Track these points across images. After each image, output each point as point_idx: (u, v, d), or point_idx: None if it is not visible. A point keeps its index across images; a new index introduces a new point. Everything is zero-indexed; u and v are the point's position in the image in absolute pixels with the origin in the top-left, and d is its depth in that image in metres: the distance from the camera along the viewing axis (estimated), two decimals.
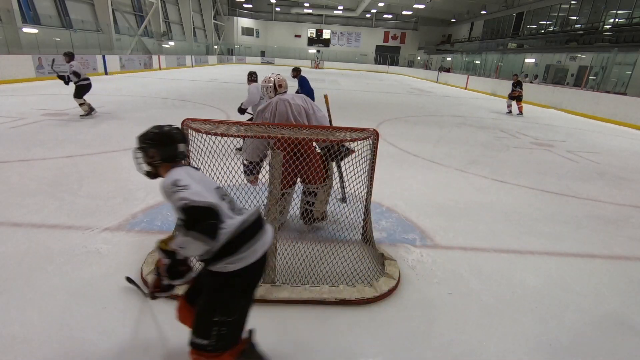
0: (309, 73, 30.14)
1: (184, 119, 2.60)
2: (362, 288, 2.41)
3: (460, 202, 4.18)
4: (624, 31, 18.14)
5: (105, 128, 6.67)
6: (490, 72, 24.35)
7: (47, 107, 8.18)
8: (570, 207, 4.30)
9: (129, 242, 2.89)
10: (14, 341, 1.90)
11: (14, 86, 11.33)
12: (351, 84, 21.09)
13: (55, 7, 16.98)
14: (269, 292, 2.31)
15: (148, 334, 2.00)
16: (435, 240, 3.26)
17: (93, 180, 4.12)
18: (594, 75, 16.29)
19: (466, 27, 37.68)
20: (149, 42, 23.95)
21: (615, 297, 2.61)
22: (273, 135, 2.29)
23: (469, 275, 2.74)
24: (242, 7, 41.97)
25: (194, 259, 1.54)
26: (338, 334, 2.09)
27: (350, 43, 44.35)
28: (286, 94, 3.03)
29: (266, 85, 3.04)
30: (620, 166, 6.35)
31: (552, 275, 2.83)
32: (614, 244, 3.43)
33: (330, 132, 2.66)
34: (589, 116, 12.89)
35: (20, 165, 4.50)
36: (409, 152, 6.22)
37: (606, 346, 2.14)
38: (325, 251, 2.76)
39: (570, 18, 22.82)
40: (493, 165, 5.81)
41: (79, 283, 2.37)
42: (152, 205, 3.56)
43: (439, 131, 8.38)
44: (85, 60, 15.54)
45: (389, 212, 3.78)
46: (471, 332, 2.17)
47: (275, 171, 2.26)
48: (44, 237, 2.89)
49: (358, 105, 12.41)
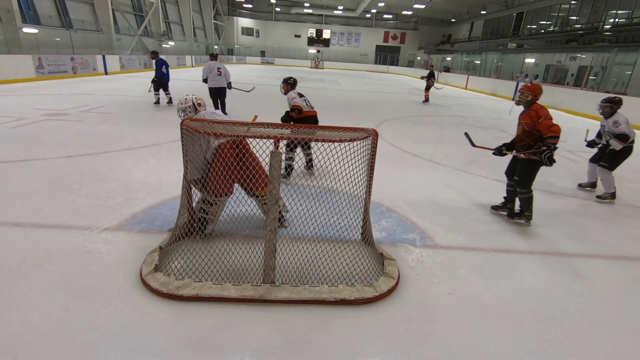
0: (309, 73, 30.17)
1: (184, 119, 2.61)
2: (361, 288, 2.41)
3: (460, 202, 4.18)
4: (624, 31, 18.14)
5: (105, 128, 6.67)
6: (490, 72, 24.35)
7: (47, 107, 8.18)
8: (570, 207, 4.30)
9: (129, 242, 2.89)
10: (14, 341, 1.90)
11: (14, 86, 11.33)
12: (351, 84, 21.08)
13: (55, 7, 16.98)
14: (269, 292, 2.31)
15: (148, 334, 2.00)
16: (435, 240, 3.26)
17: (93, 180, 4.12)
18: (594, 75, 16.29)
19: (466, 27, 37.68)
20: (149, 42, 23.95)
21: (615, 297, 2.61)
22: (272, 135, 2.29)
23: (469, 275, 2.74)
24: (242, 7, 41.97)
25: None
26: (338, 334, 2.09)
27: (350, 43, 44.35)
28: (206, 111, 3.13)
29: (184, 106, 3.09)
30: (620, 166, 6.33)
31: (552, 275, 2.84)
32: (614, 244, 3.43)
33: (330, 132, 2.66)
34: (589, 116, 12.89)
35: (20, 165, 4.50)
36: (409, 152, 6.22)
37: (606, 346, 2.14)
38: (324, 251, 2.76)
39: (570, 18, 22.83)
40: (493, 165, 5.81)
41: (79, 283, 2.37)
42: (152, 205, 3.56)
43: (439, 131, 8.37)
44: (85, 60, 15.56)
45: (389, 212, 3.78)
46: (471, 332, 2.17)
47: (274, 171, 2.26)
48: (44, 237, 2.89)
49: (358, 105, 12.41)
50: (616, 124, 4.25)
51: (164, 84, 9.47)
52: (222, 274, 2.48)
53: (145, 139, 5.99)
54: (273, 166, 2.25)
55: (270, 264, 2.36)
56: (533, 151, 3.37)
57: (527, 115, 3.44)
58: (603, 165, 4.39)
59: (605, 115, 4.42)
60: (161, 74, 9.29)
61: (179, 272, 2.47)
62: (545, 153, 3.23)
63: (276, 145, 2.30)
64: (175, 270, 2.49)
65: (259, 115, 5.29)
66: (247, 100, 10.62)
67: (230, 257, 2.61)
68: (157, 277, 2.36)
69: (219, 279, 2.42)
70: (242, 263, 2.62)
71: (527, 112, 3.46)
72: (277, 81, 19.55)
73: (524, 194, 3.56)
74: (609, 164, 4.36)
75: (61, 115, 7.44)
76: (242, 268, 2.58)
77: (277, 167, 2.26)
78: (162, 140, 6.00)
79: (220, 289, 2.30)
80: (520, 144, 3.54)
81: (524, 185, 3.52)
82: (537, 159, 3.35)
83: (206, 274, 2.44)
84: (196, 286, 2.31)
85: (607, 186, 4.41)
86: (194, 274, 2.45)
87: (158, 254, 2.58)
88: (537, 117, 3.34)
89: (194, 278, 2.40)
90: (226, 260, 2.58)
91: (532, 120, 3.38)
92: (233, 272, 2.54)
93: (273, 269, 2.38)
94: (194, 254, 2.59)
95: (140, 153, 5.27)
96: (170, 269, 2.51)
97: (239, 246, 2.71)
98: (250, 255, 2.67)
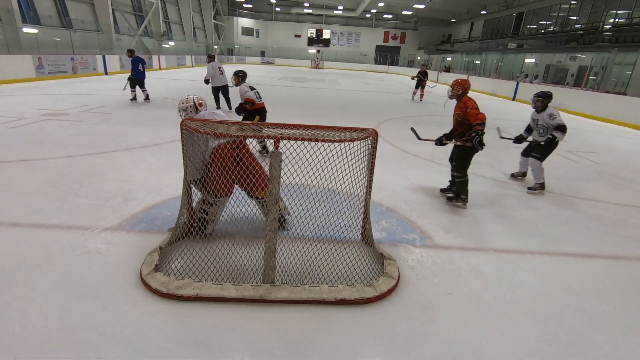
0: (309, 73, 30.17)
1: (184, 119, 2.61)
2: (361, 288, 2.41)
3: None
4: (624, 31, 18.14)
5: (105, 128, 6.67)
6: (490, 72, 24.35)
7: (47, 107, 8.18)
8: (570, 207, 4.30)
9: (129, 242, 2.88)
10: (14, 341, 1.90)
11: (14, 86, 11.33)
12: (351, 84, 21.08)
13: (55, 7, 16.98)
14: (269, 292, 2.31)
15: (148, 334, 2.00)
16: (435, 240, 3.26)
17: (93, 180, 4.12)
18: (594, 75, 16.30)
19: (466, 27, 37.67)
20: (149, 42, 23.95)
21: (615, 297, 2.61)
22: (272, 135, 2.29)
23: (469, 275, 2.74)
24: (242, 7, 41.96)
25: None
26: (338, 334, 2.09)
27: (350, 43, 44.35)
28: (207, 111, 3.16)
29: (185, 105, 3.11)
30: (620, 166, 6.35)
31: (552, 275, 2.84)
32: (614, 244, 3.43)
33: (330, 132, 2.66)
34: (589, 116, 12.89)
35: (20, 165, 4.50)
36: (409, 152, 6.22)
37: (606, 346, 2.14)
38: (324, 251, 2.76)
39: (570, 18, 22.82)
40: (493, 165, 5.81)
41: (79, 283, 2.37)
42: (152, 205, 3.56)
43: (439, 131, 8.32)
44: (85, 60, 15.56)
45: (389, 212, 3.78)
46: (471, 332, 2.17)
47: (275, 172, 2.26)
48: (44, 237, 2.89)
49: (358, 105, 12.41)
50: (552, 117, 4.45)
51: (140, 81, 9.78)
52: (222, 274, 2.48)
53: (145, 139, 5.99)
54: (273, 166, 2.25)
55: (270, 264, 2.36)
56: (465, 138, 3.77)
57: (458, 107, 3.87)
58: (535, 156, 4.61)
59: (538, 110, 4.61)
60: (137, 71, 9.61)
61: (179, 272, 2.47)
62: (474, 138, 3.63)
63: (276, 145, 2.30)
64: (175, 270, 2.49)
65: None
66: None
67: (230, 257, 2.61)
68: (157, 277, 2.36)
69: (219, 279, 2.42)
70: (242, 263, 2.62)
71: (458, 104, 3.89)
72: (277, 81, 19.57)
73: (460, 177, 3.93)
74: (541, 155, 4.58)
75: (61, 115, 7.44)
76: (242, 268, 2.58)
77: (277, 167, 2.26)
78: (162, 140, 6.00)
79: (220, 289, 2.30)
80: (457, 133, 3.95)
81: (460, 169, 3.91)
82: (469, 145, 3.73)
83: (206, 274, 2.44)
84: (196, 286, 2.31)
85: (537, 177, 4.62)
86: (194, 274, 2.45)
87: (158, 254, 2.58)
88: (466, 107, 3.75)
89: (194, 278, 2.40)
90: (226, 260, 2.58)
91: (462, 111, 3.80)
92: (233, 272, 2.54)
93: (273, 269, 2.38)
94: (194, 254, 2.59)
95: (140, 153, 5.27)
96: (170, 269, 2.51)
97: (239, 246, 2.71)
98: (250, 255, 2.67)
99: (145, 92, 10.02)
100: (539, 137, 4.63)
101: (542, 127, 4.56)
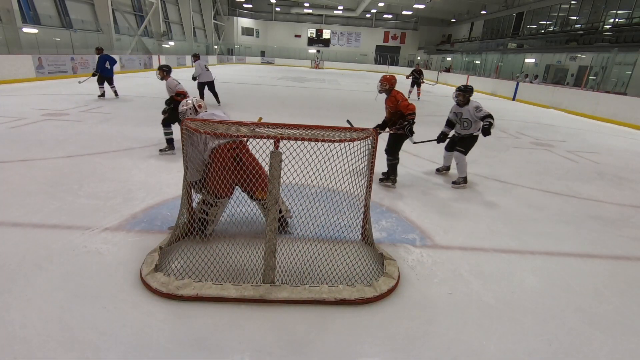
0: (309, 73, 30.18)
1: (184, 120, 2.61)
2: (361, 288, 2.41)
3: (461, 202, 4.18)
4: (624, 31, 18.13)
5: (105, 128, 6.67)
6: (490, 72, 24.35)
7: (47, 107, 8.18)
8: (570, 207, 4.30)
9: (129, 242, 2.88)
10: (14, 341, 1.90)
11: (14, 86, 11.33)
12: (351, 84, 21.08)
13: (55, 7, 16.98)
14: (269, 292, 2.31)
15: (148, 334, 2.00)
16: (435, 240, 3.26)
17: (93, 180, 4.12)
18: (594, 75, 16.30)
19: (466, 27, 37.66)
20: (149, 42, 23.94)
21: (615, 297, 2.61)
22: (272, 135, 2.29)
23: (469, 275, 2.74)
24: (242, 7, 41.95)
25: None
26: (338, 334, 2.09)
27: (350, 43, 44.34)
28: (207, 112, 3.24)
29: (185, 108, 3.23)
30: (620, 166, 6.34)
31: (552, 275, 2.83)
32: (614, 244, 3.43)
33: (330, 132, 2.66)
34: (589, 116, 12.89)
35: (20, 165, 4.50)
36: (409, 152, 6.22)
37: (606, 346, 2.14)
38: (324, 251, 2.76)
39: (570, 18, 22.81)
40: (493, 165, 5.82)
41: (79, 283, 2.37)
42: (152, 205, 3.56)
43: (439, 131, 8.35)
44: (85, 60, 15.56)
45: (389, 212, 3.78)
46: (471, 332, 2.17)
47: (275, 172, 2.26)
48: (44, 237, 2.89)
49: (358, 105, 12.41)
50: (478, 109, 4.54)
51: (108, 78, 10.09)
52: (222, 273, 2.48)
53: (145, 139, 5.99)
54: (273, 166, 2.25)
55: (270, 264, 2.36)
56: (398, 127, 4.31)
57: (390, 101, 4.35)
58: (460, 150, 4.70)
59: (460, 104, 4.71)
60: (103, 68, 9.86)
61: (179, 272, 2.47)
62: (405, 126, 4.19)
63: (276, 145, 2.30)
64: (175, 270, 2.49)
65: (259, 116, 5.36)
66: (248, 100, 10.61)
67: (230, 257, 2.61)
68: (157, 277, 2.36)
69: (219, 279, 2.42)
70: (242, 263, 2.62)
71: (389, 98, 4.37)
72: (277, 81, 19.57)
73: (391, 160, 4.45)
74: (465, 149, 4.70)
75: (61, 115, 7.44)
76: (242, 268, 2.58)
77: (277, 167, 2.26)
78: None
79: (220, 289, 2.30)
80: (390, 123, 4.46)
81: (392, 153, 4.43)
82: (401, 132, 4.29)
83: (206, 274, 2.44)
84: (196, 286, 2.31)
85: (461, 171, 4.72)
86: (194, 273, 2.45)
87: (158, 254, 2.58)
88: (397, 100, 4.26)
89: (194, 278, 2.40)
90: (226, 260, 2.58)
91: (393, 104, 4.30)
92: (233, 272, 2.54)
93: (273, 269, 2.38)
94: (194, 254, 2.59)
95: (140, 153, 5.27)
96: (170, 269, 2.51)
97: (239, 246, 2.71)
98: (250, 255, 2.67)
99: (114, 89, 10.32)
100: (462, 130, 4.75)
101: (467, 120, 4.66)
